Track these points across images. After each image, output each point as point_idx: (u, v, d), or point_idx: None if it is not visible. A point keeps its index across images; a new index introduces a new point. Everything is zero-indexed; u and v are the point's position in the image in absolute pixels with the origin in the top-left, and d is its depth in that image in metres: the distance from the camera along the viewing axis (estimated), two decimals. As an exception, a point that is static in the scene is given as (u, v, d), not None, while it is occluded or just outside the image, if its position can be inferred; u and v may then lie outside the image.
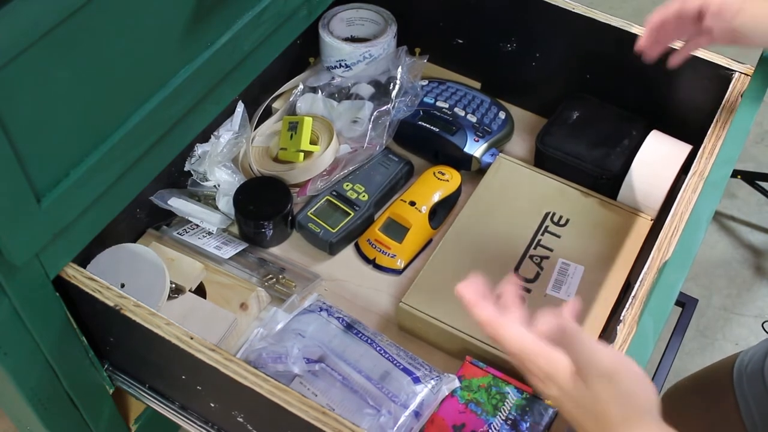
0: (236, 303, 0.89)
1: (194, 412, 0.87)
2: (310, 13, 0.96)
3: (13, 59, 0.59)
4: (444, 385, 0.81)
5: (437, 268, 0.93)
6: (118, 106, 0.73)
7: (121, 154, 0.75)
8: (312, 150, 1.02)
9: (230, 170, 1.00)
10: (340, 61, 1.09)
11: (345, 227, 0.98)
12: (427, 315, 0.88)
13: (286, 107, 1.10)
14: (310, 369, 0.82)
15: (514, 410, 0.80)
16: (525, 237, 0.95)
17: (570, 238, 0.95)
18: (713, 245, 1.69)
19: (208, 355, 0.71)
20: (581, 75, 1.06)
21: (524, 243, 0.94)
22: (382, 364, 0.83)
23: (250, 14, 0.84)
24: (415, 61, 1.07)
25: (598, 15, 0.98)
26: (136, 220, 0.96)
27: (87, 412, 0.88)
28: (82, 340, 0.82)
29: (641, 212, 0.97)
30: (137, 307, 0.74)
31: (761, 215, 1.74)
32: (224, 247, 0.96)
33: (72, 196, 0.71)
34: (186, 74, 0.78)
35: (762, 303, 1.62)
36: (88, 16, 0.63)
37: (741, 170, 1.70)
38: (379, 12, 1.13)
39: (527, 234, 0.95)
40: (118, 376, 0.90)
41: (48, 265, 0.73)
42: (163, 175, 0.88)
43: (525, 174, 1.02)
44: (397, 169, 1.05)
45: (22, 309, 0.72)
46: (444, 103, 1.07)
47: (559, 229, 0.96)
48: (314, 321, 0.87)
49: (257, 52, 0.88)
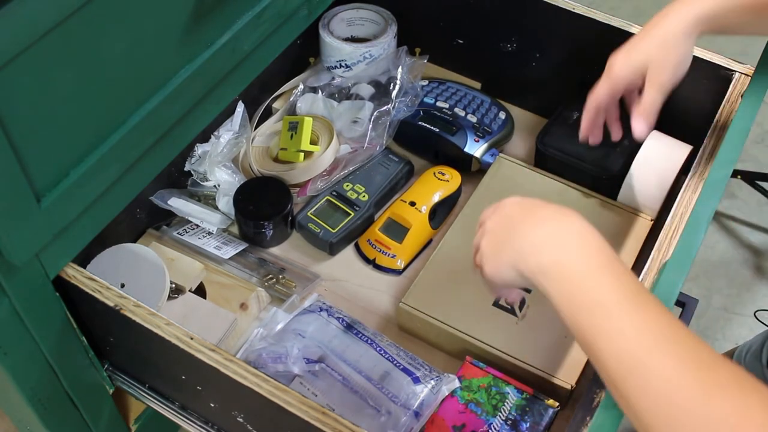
0: (236, 303, 0.89)
1: (194, 412, 0.87)
2: (310, 13, 0.96)
3: (13, 59, 0.59)
4: (444, 386, 0.81)
5: (437, 268, 0.93)
6: (118, 106, 0.73)
7: (121, 154, 0.75)
8: (312, 150, 1.02)
9: (230, 170, 1.00)
10: (340, 61, 1.09)
11: (345, 227, 0.98)
12: (427, 315, 0.88)
13: (287, 107, 1.10)
14: (310, 369, 0.82)
15: (514, 410, 0.80)
16: None
17: None
18: (713, 245, 1.69)
19: (208, 355, 0.71)
20: (581, 75, 1.06)
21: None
22: (382, 364, 0.83)
23: (250, 14, 0.84)
24: (415, 61, 1.07)
25: (598, 15, 0.98)
26: (136, 220, 0.96)
27: (87, 412, 0.88)
28: (82, 340, 0.82)
29: (641, 212, 0.97)
30: (137, 307, 0.74)
31: (761, 215, 1.74)
32: (224, 247, 0.96)
33: (72, 196, 0.71)
34: (186, 74, 0.78)
35: (762, 303, 1.62)
36: (88, 16, 0.63)
37: (741, 170, 1.70)
38: (380, 12, 1.13)
39: None
40: (118, 376, 0.90)
41: (48, 265, 0.73)
42: (163, 175, 0.88)
43: (525, 174, 1.02)
44: (397, 169, 1.04)
45: (22, 309, 0.72)
46: (444, 103, 1.07)
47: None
48: (314, 321, 0.87)
49: (257, 52, 0.88)
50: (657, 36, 0.75)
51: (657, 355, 0.51)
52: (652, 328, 0.53)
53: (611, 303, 0.54)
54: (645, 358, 0.52)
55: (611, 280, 0.56)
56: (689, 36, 0.74)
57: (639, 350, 0.52)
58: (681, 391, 0.49)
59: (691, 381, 0.50)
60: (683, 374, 0.50)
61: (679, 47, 0.75)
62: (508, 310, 0.89)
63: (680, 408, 0.49)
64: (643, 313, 0.54)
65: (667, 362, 0.51)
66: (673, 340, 0.52)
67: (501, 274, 0.65)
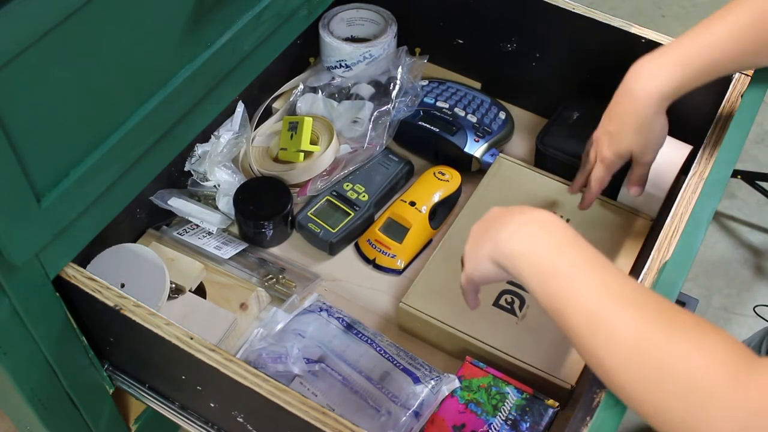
0: (236, 303, 0.89)
1: (194, 412, 0.87)
2: (310, 13, 0.96)
3: (13, 59, 0.59)
4: (444, 386, 0.81)
5: (437, 268, 0.93)
6: (118, 106, 0.73)
7: (121, 154, 0.75)
8: (312, 150, 1.02)
9: (230, 170, 1.00)
10: (340, 61, 1.09)
11: (345, 227, 0.98)
12: (427, 315, 0.88)
13: (287, 107, 1.10)
14: (310, 369, 0.82)
15: (514, 410, 0.80)
16: None
17: None
18: (713, 245, 1.69)
19: (208, 355, 0.71)
20: (581, 75, 1.06)
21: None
22: (382, 364, 0.83)
23: (250, 14, 0.84)
24: (415, 61, 1.07)
25: (598, 15, 0.99)
26: (136, 220, 0.96)
27: (87, 412, 0.88)
28: (82, 340, 0.82)
29: (641, 212, 0.97)
30: (137, 307, 0.74)
31: (761, 215, 1.74)
32: (224, 247, 0.96)
33: (72, 196, 0.71)
34: (186, 74, 0.78)
35: (762, 303, 1.62)
36: (87, 16, 0.63)
37: (741, 170, 1.69)
38: (380, 12, 1.13)
39: None
40: (118, 376, 0.90)
41: (48, 265, 0.73)
42: (163, 175, 0.88)
43: (525, 174, 1.02)
44: (397, 169, 1.04)
45: (22, 309, 0.72)
46: (444, 103, 1.07)
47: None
48: (314, 321, 0.87)
49: (257, 52, 0.88)
50: (633, 124, 0.81)
51: (620, 308, 0.56)
52: (614, 285, 0.58)
53: (575, 267, 0.60)
54: (609, 311, 0.56)
55: (574, 251, 0.62)
56: (660, 113, 0.80)
57: (603, 306, 0.57)
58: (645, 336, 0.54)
59: (653, 327, 0.54)
60: (646, 322, 0.54)
61: (655, 128, 0.81)
62: (508, 310, 0.89)
63: (646, 353, 0.53)
64: (605, 275, 0.59)
65: (629, 313, 0.55)
66: (634, 294, 0.57)
67: (480, 268, 0.69)
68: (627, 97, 0.80)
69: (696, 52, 0.76)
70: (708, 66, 0.76)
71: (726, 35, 0.75)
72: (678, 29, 1.95)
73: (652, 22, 1.99)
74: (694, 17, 2.02)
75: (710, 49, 0.76)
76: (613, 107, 0.83)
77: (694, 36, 0.77)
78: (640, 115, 0.79)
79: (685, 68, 0.76)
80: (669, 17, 2.03)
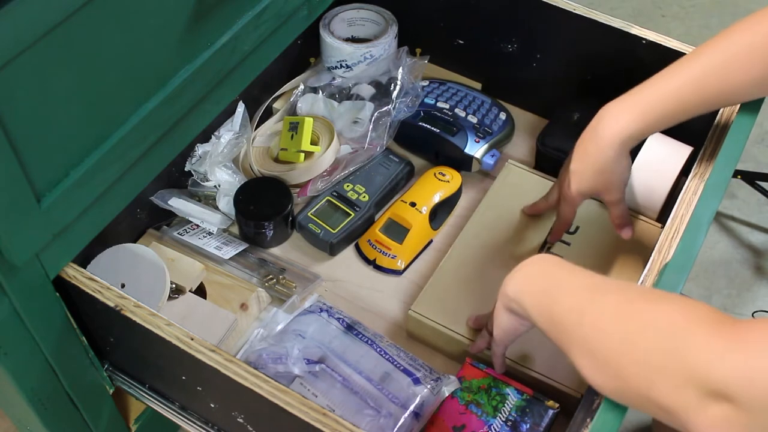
0: (236, 303, 0.89)
1: (194, 412, 0.87)
2: (311, 13, 0.96)
3: (13, 59, 0.59)
4: (444, 387, 0.81)
5: (447, 275, 0.92)
6: (118, 106, 0.73)
7: (121, 154, 0.75)
8: (313, 150, 1.02)
9: (231, 170, 1.00)
10: (340, 62, 1.09)
11: (345, 228, 0.98)
12: (436, 323, 0.88)
13: (287, 107, 1.10)
14: (311, 370, 0.82)
15: (514, 411, 0.80)
16: (534, 244, 0.95)
17: (579, 245, 0.94)
18: (713, 245, 1.69)
19: (208, 355, 0.71)
20: (582, 75, 1.06)
21: (533, 251, 0.94)
22: (382, 365, 0.83)
23: (250, 14, 0.84)
24: (415, 62, 1.07)
25: (598, 15, 0.98)
26: (137, 220, 0.96)
27: (87, 412, 0.88)
28: (82, 340, 0.82)
29: (650, 219, 0.96)
30: (137, 307, 0.74)
31: (761, 215, 1.74)
32: (224, 248, 0.96)
33: (72, 196, 0.71)
34: (186, 74, 0.78)
35: (762, 303, 1.62)
36: (87, 16, 0.63)
37: (741, 170, 1.69)
38: (380, 12, 1.13)
39: (536, 241, 0.95)
40: (118, 376, 0.90)
41: (48, 265, 0.73)
42: (163, 175, 0.88)
43: (534, 181, 1.01)
44: (397, 169, 1.04)
45: (22, 309, 0.72)
46: (445, 103, 1.07)
47: (568, 236, 0.95)
48: (314, 322, 0.87)
49: (257, 52, 0.88)
50: (595, 164, 0.83)
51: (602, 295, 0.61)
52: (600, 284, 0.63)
53: (563, 281, 0.66)
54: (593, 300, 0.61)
55: (564, 271, 0.67)
56: (622, 155, 0.81)
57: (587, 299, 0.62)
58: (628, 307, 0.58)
59: (635, 299, 0.59)
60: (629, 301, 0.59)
61: (616, 169, 0.83)
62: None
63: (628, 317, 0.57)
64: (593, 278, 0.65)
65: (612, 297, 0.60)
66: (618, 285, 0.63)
67: (500, 324, 0.74)
68: (591, 137, 0.82)
69: (657, 99, 0.78)
70: (670, 113, 0.78)
71: (689, 83, 0.77)
72: (678, 29, 1.95)
73: (652, 22, 1.99)
74: (694, 17, 2.02)
75: (671, 97, 0.77)
76: (579, 145, 0.84)
77: (657, 82, 0.79)
78: (602, 155, 0.81)
79: (646, 115, 0.78)
80: (669, 17, 2.03)
